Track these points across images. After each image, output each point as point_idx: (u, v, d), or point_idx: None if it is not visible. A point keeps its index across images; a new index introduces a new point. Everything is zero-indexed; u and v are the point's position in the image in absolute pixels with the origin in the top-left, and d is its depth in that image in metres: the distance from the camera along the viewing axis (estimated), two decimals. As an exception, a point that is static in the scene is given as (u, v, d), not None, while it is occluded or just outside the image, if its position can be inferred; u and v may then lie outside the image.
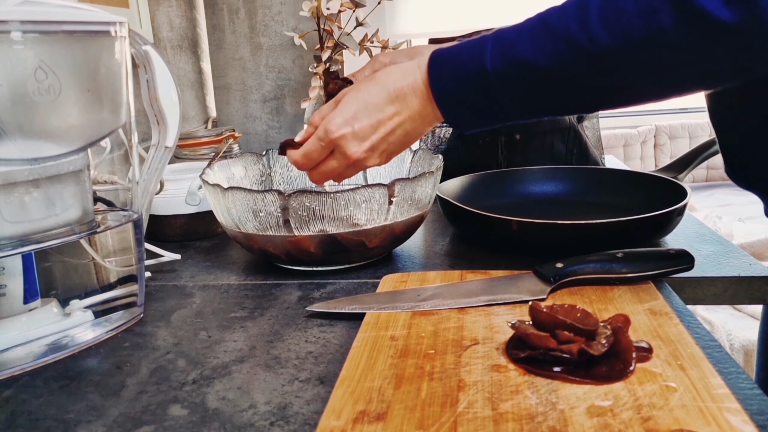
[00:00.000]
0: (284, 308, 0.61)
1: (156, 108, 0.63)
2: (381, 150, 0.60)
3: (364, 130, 0.59)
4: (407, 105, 0.58)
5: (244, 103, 1.43)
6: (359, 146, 0.59)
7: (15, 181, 0.50)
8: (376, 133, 0.59)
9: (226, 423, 0.42)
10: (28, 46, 0.48)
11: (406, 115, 0.59)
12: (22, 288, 0.53)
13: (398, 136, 0.60)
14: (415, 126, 0.59)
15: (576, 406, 0.39)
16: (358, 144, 0.59)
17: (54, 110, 0.50)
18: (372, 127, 0.59)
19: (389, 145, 0.60)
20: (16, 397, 0.48)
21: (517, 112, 0.56)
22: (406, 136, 0.60)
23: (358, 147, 0.59)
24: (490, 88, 0.54)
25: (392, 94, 0.58)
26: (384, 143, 0.60)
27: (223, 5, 1.38)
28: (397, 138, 0.60)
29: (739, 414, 0.37)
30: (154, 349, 0.54)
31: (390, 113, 0.58)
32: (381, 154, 0.61)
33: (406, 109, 0.58)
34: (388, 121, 0.59)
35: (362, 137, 0.59)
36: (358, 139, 0.59)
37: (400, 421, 0.38)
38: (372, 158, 0.60)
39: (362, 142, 0.59)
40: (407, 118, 0.59)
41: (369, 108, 0.59)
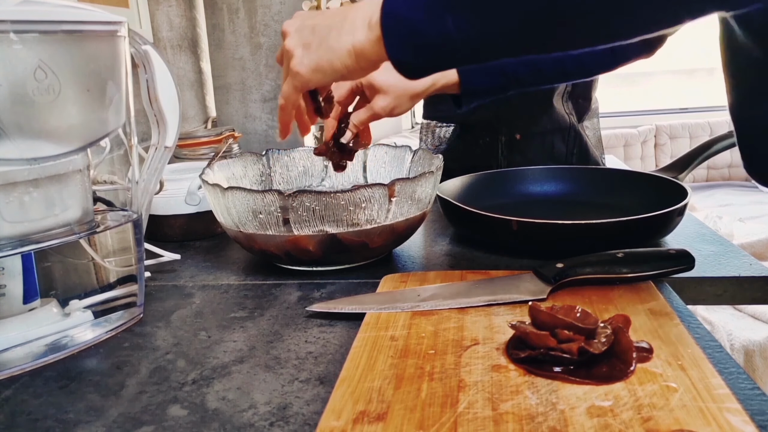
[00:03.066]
0: (284, 308, 0.61)
1: (156, 108, 0.63)
2: (305, 40, 0.57)
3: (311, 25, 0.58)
4: (351, 22, 0.55)
5: (243, 103, 1.43)
6: (292, 36, 0.58)
7: (15, 181, 0.50)
8: (308, 19, 0.58)
9: (225, 423, 0.42)
10: (27, 46, 0.48)
11: (341, 15, 0.56)
12: (21, 288, 0.53)
13: (323, 27, 0.56)
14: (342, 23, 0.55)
15: (576, 406, 0.39)
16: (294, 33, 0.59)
17: (54, 110, 0.50)
18: (311, 26, 0.57)
19: (313, 36, 0.57)
20: (15, 397, 0.48)
21: (465, 39, 0.49)
22: (329, 29, 0.56)
23: (291, 37, 0.59)
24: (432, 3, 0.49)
25: (343, 14, 0.56)
26: (308, 30, 0.57)
27: (223, 5, 1.38)
28: (321, 28, 0.56)
29: (740, 414, 0.37)
30: (154, 350, 0.54)
31: (329, 19, 0.57)
32: (305, 48, 0.57)
33: (349, 24, 0.55)
34: (322, 20, 0.57)
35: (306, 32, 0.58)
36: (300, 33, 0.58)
37: (400, 422, 0.38)
38: (297, 49, 0.58)
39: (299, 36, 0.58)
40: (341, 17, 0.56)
41: (326, 18, 0.58)
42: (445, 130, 1.11)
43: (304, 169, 0.87)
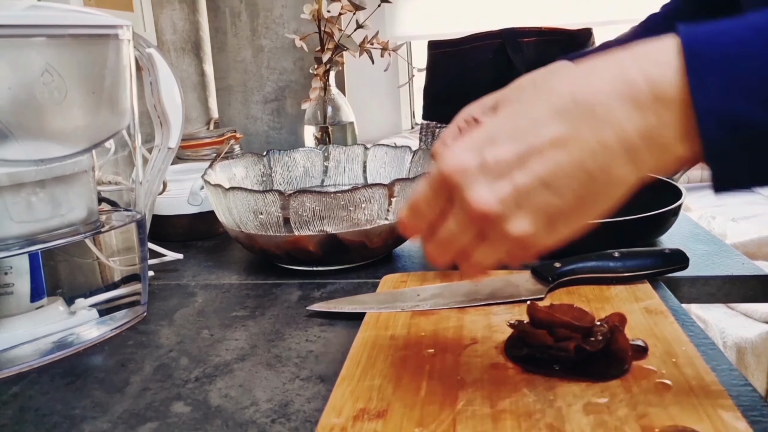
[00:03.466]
0: (285, 307, 0.62)
1: (159, 110, 0.63)
2: (534, 202, 0.33)
3: (501, 159, 0.33)
4: (600, 122, 0.32)
5: (245, 105, 1.44)
6: (489, 189, 0.33)
7: (22, 181, 0.51)
8: (523, 166, 0.33)
9: (228, 420, 0.43)
10: (35, 50, 0.48)
11: (592, 139, 0.32)
12: (29, 287, 0.54)
13: (567, 180, 0.33)
14: (607, 163, 0.32)
15: (573, 403, 0.40)
16: (488, 184, 0.33)
17: (60, 112, 0.51)
18: (516, 155, 0.33)
19: (551, 196, 0.33)
20: (23, 393, 0.48)
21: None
22: (582, 182, 0.33)
23: (488, 190, 0.33)
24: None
25: (568, 104, 0.33)
26: (539, 190, 0.33)
27: (226, 8, 1.38)
28: (565, 183, 0.33)
29: (732, 410, 0.37)
30: (158, 347, 0.55)
31: (552, 135, 0.33)
32: (536, 214, 0.34)
33: (593, 129, 0.32)
34: (548, 150, 0.33)
35: (496, 172, 0.34)
36: (489, 174, 0.34)
37: (400, 419, 0.39)
38: (517, 218, 0.34)
39: (495, 180, 0.33)
40: (593, 144, 0.32)
41: (519, 124, 0.34)
42: (444, 130, 1.11)
43: (304, 170, 0.88)
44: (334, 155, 0.88)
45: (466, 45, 1.03)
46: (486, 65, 1.02)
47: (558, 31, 1.03)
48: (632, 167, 0.33)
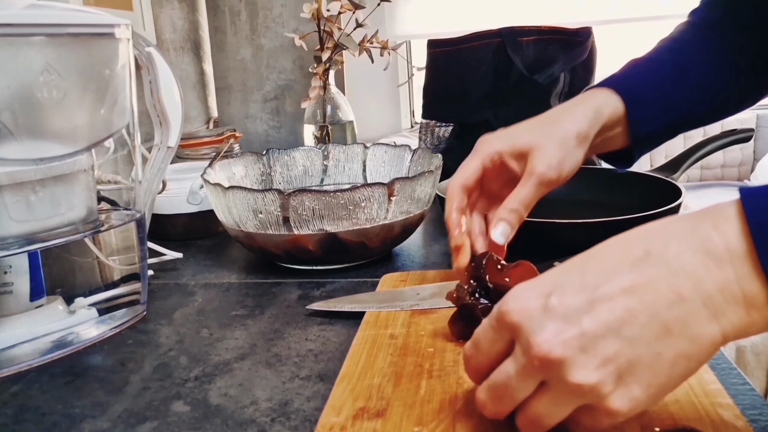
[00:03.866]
0: (284, 307, 0.62)
1: (159, 109, 0.63)
2: (601, 350, 0.31)
3: (568, 305, 0.32)
4: (675, 272, 0.31)
5: (244, 104, 1.44)
6: (554, 331, 0.31)
7: (21, 180, 0.51)
8: (591, 312, 0.31)
9: (228, 419, 0.43)
10: (34, 49, 0.48)
11: (666, 289, 0.31)
12: (28, 286, 0.54)
13: (639, 329, 0.31)
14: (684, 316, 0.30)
15: (571, 401, 0.40)
16: (553, 328, 0.31)
17: (59, 111, 0.51)
18: (585, 302, 0.32)
19: (620, 345, 0.31)
20: (23, 392, 0.48)
21: None
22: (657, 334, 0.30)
23: (552, 333, 0.31)
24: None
25: (640, 255, 0.32)
26: (608, 337, 0.31)
27: (225, 7, 1.38)
28: (636, 331, 0.30)
29: (731, 409, 0.37)
30: (157, 347, 0.55)
31: (624, 283, 0.31)
32: (604, 364, 0.31)
33: (668, 279, 0.31)
34: (619, 297, 0.31)
35: (563, 317, 0.32)
36: (554, 318, 0.32)
37: (400, 418, 0.39)
38: (581, 364, 0.31)
39: (561, 324, 0.31)
40: (668, 294, 0.31)
41: (588, 273, 0.33)
42: (444, 129, 1.11)
43: (304, 169, 0.88)
44: (334, 154, 0.88)
45: (465, 44, 1.03)
46: (485, 64, 1.02)
47: (558, 30, 1.03)
48: (714, 324, 0.30)
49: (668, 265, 0.31)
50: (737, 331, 0.30)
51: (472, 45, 1.02)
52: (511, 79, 1.01)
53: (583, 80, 1.08)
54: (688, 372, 0.31)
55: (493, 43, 1.01)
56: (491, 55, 1.01)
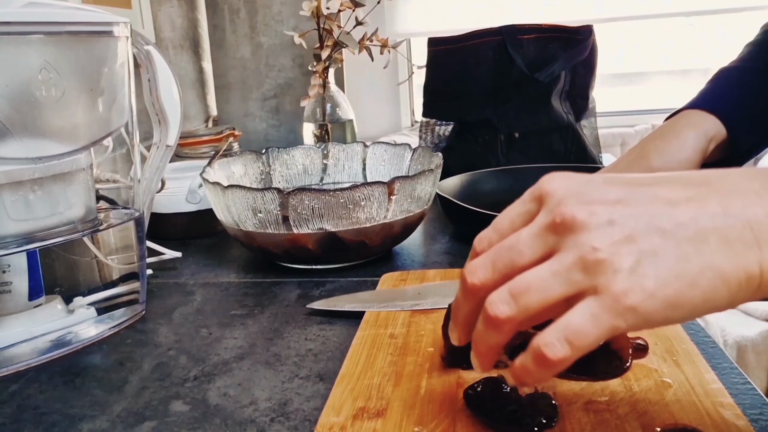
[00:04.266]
0: (284, 306, 0.61)
1: (157, 107, 0.63)
2: (641, 241, 0.28)
3: (610, 189, 0.30)
4: (727, 192, 0.29)
5: (244, 102, 1.44)
6: (582, 203, 0.30)
7: (20, 179, 0.50)
8: (626, 201, 0.30)
9: (227, 419, 0.43)
10: (32, 47, 0.48)
11: (715, 203, 0.29)
12: (27, 285, 0.54)
13: (673, 225, 0.28)
14: (724, 229, 0.28)
15: (573, 402, 0.39)
16: (590, 199, 0.30)
17: (58, 110, 0.51)
18: (627, 191, 0.30)
19: (647, 231, 0.28)
20: (21, 391, 0.48)
21: None
22: (690, 237, 0.28)
23: (580, 204, 0.30)
24: None
25: (701, 179, 0.30)
26: (637, 217, 0.29)
27: (224, 5, 1.38)
28: (669, 226, 0.28)
29: (732, 408, 0.37)
30: (156, 346, 0.55)
31: (671, 194, 0.30)
32: (626, 240, 0.28)
33: (719, 196, 0.29)
34: (660, 198, 0.29)
35: (602, 194, 0.30)
36: (591, 193, 0.30)
37: (400, 418, 0.39)
38: (604, 229, 0.29)
39: (599, 200, 0.30)
40: (715, 207, 0.29)
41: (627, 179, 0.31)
42: (444, 128, 1.11)
43: (303, 168, 0.87)
44: (334, 153, 0.88)
45: (466, 42, 1.03)
46: (486, 62, 1.02)
47: (558, 28, 1.02)
48: (755, 251, 0.28)
49: (722, 188, 0.29)
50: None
51: (473, 43, 1.02)
52: (512, 77, 1.01)
53: (584, 78, 1.08)
54: (711, 292, 0.28)
55: (494, 41, 1.01)
56: (492, 53, 1.01)
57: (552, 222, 0.30)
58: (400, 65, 1.76)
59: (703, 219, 0.28)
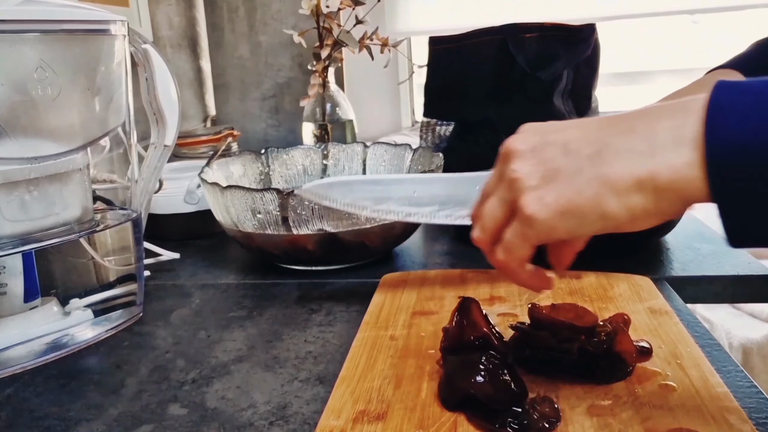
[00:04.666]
0: (283, 308, 0.61)
1: (155, 106, 0.63)
2: (548, 162, 0.35)
3: (548, 128, 0.37)
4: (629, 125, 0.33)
5: (243, 102, 1.43)
6: (525, 139, 0.37)
7: (15, 180, 0.50)
8: (559, 131, 0.36)
9: (225, 423, 0.42)
10: (28, 45, 0.48)
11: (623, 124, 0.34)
12: (22, 287, 0.53)
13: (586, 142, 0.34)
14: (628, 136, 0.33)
15: (576, 405, 0.39)
16: (528, 135, 0.37)
17: (54, 109, 0.50)
18: (561, 126, 0.37)
19: (566, 158, 0.34)
20: (17, 395, 0.48)
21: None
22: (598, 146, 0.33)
23: (523, 139, 0.37)
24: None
25: (609, 117, 0.35)
26: (558, 152, 0.35)
27: (223, 4, 1.38)
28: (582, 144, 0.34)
29: (738, 412, 0.37)
30: (154, 348, 0.54)
31: (584, 126, 0.35)
32: (545, 174, 0.35)
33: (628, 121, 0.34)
34: (587, 124, 0.35)
35: (541, 132, 0.37)
36: (532, 133, 0.37)
37: (400, 421, 0.38)
38: (531, 179, 0.35)
39: (534, 135, 0.37)
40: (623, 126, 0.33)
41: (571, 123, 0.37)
42: (445, 128, 1.10)
43: (303, 168, 0.87)
44: (334, 153, 0.88)
45: (467, 41, 1.02)
46: (488, 61, 1.01)
47: (561, 26, 1.02)
48: (647, 159, 0.32)
49: (640, 113, 0.34)
50: (668, 177, 0.31)
51: (474, 42, 1.02)
52: (514, 76, 1.01)
53: (587, 77, 1.07)
54: (597, 198, 0.33)
55: (495, 39, 1.00)
56: (493, 51, 1.00)
57: (500, 158, 0.38)
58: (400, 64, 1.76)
59: (605, 136, 0.33)
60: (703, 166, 0.30)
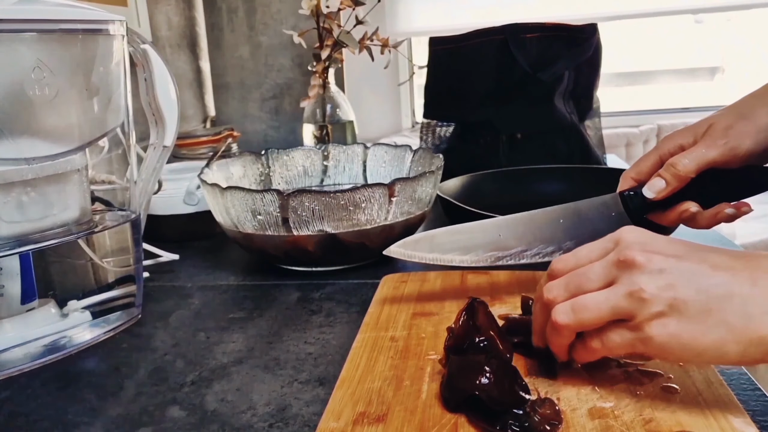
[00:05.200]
0: (283, 309, 0.61)
1: (154, 107, 0.63)
2: (677, 292, 0.36)
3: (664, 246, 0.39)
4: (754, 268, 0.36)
5: (242, 102, 1.43)
6: (650, 255, 0.38)
7: (12, 180, 0.50)
8: (683, 259, 0.38)
9: (225, 425, 0.42)
10: (25, 45, 0.48)
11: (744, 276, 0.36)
12: (19, 288, 0.53)
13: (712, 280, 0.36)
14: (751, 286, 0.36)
15: (577, 407, 0.39)
16: (652, 253, 0.38)
17: (52, 109, 0.50)
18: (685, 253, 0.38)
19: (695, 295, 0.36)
20: (13, 398, 0.47)
21: None
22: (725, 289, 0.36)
23: (647, 254, 0.38)
24: None
25: (734, 254, 0.38)
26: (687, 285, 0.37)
27: (222, 4, 1.38)
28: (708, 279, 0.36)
29: (741, 415, 0.37)
30: (153, 350, 0.54)
31: (710, 260, 0.38)
32: (673, 303, 0.36)
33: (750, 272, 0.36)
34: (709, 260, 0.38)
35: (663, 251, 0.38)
36: (655, 251, 0.38)
37: (400, 423, 0.38)
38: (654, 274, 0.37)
39: (658, 254, 0.38)
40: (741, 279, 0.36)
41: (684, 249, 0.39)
42: (445, 129, 1.10)
43: (303, 169, 0.87)
44: (334, 154, 0.88)
45: (468, 41, 1.02)
46: (488, 62, 1.01)
47: (561, 26, 1.02)
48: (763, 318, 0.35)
49: (758, 265, 0.37)
50: None
51: (475, 42, 1.02)
52: (515, 76, 1.01)
53: (588, 78, 1.07)
54: (720, 343, 0.35)
55: (496, 40, 1.00)
56: (494, 52, 1.00)
57: (617, 260, 0.39)
58: (400, 65, 1.76)
59: (732, 284, 0.36)
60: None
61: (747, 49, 2.26)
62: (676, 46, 1.67)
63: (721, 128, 0.53)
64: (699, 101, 3.88)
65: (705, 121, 0.55)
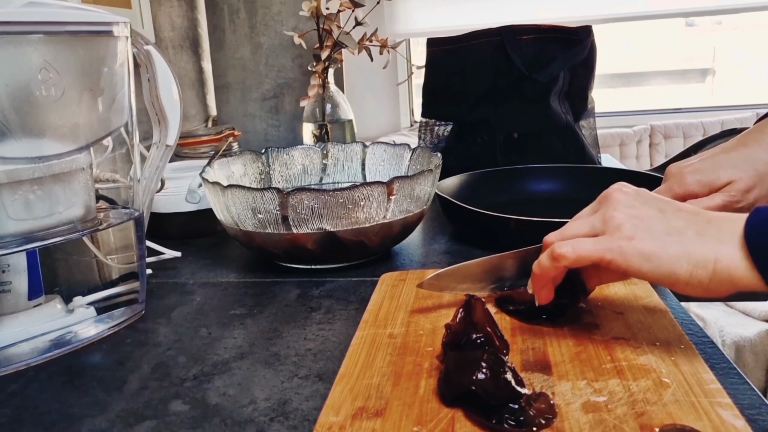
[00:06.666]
0: (283, 306, 0.61)
1: (157, 107, 0.63)
2: (640, 221, 0.45)
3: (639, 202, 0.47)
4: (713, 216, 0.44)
5: (243, 102, 1.44)
6: (624, 206, 0.46)
7: (20, 179, 0.50)
8: (647, 206, 0.46)
9: (226, 418, 0.43)
10: (32, 47, 0.48)
11: (700, 220, 0.44)
12: (26, 285, 0.54)
13: (676, 218, 0.45)
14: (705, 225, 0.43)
15: (571, 401, 0.40)
16: (628, 196, 0.47)
17: (57, 109, 0.51)
18: (648, 203, 0.46)
19: (661, 221, 0.44)
20: (21, 391, 0.48)
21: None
22: (686, 224, 0.44)
23: (624, 195, 0.47)
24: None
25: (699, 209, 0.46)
26: (647, 216, 0.45)
27: (224, 5, 1.38)
28: (673, 218, 0.45)
29: (730, 408, 0.37)
30: (156, 346, 0.55)
31: (681, 207, 0.46)
32: (645, 229, 0.44)
33: (705, 214, 0.45)
34: (668, 206, 0.46)
35: (632, 194, 0.47)
36: (628, 201, 0.46)
37: (399, 417, 0.39)
38: (628, 224, 0.45)
39: (633, 198, 0.47)
40: (702, 217, 0.44)
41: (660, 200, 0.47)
42: (443, 128, 1.11)
43: (303, 168, 0.87)
44: (333, 153, 0.88)
45: (465, 42, 1.03)
46: (485, 63, 1.02)
47: (557, 28, 1.03)
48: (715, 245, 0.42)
49: (717, 214, 0.44)
50: (727, 266, 0.41)
51: (472, 43, 1.02)
52: (511, 77, 1.01)
53: (583, 79, 1.08)
54: (674, 260, 0.42)
55: (493, 41, 1.01)
56: (491, 53, 1.01)
57: (599, 202, 0.48)
58: (399, 65, 1.76)
59: (692, 221, 0.44)
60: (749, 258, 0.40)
61: (737, 52, 2.26)
62: (669, 48, 1.68)
63: (742, 189, 0.57)
64: (691, 102, 3.90)
65: (725, 173, 0.58)
